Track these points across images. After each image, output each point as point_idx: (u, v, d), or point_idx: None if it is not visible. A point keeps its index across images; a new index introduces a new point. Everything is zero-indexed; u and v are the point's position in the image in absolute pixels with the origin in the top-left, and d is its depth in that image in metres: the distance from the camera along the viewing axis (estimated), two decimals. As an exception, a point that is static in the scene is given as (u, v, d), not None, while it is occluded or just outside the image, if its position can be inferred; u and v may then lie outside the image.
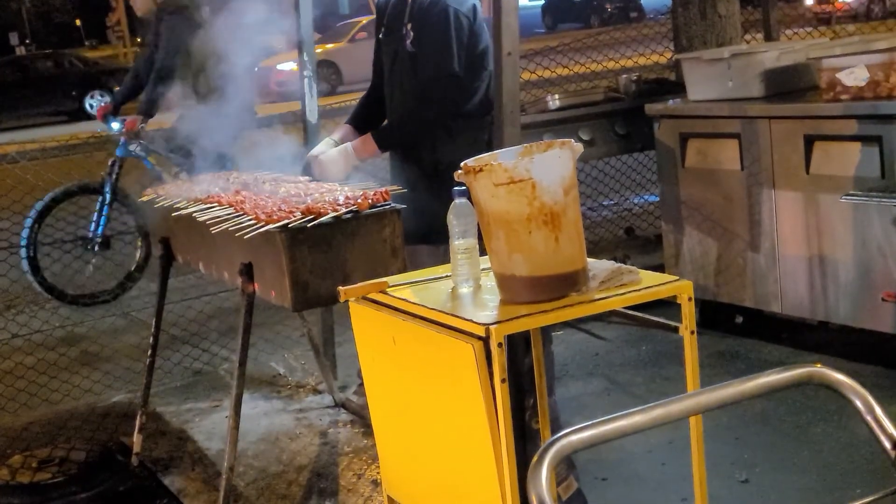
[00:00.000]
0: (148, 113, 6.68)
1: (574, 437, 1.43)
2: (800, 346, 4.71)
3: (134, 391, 5.01)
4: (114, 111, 6.98)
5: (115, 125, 6.86)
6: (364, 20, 24.71)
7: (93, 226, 6.89)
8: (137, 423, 4.23)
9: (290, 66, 22.43)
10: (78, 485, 4.13)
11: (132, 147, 6.81)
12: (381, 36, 4.10)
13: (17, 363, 5.42)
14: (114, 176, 6.85)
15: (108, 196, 6.86)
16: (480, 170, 2.31)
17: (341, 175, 3.90)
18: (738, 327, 4.97)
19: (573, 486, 3.32)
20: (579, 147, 2.37)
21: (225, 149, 6.20)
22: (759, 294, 4.69)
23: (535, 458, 1.37)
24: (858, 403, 1.51)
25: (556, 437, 1.41)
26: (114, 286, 6.89)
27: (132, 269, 7.00)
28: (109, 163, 6.88)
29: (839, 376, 1.54)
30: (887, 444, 1.46)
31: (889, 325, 4.16)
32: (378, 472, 3.74)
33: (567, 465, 3.33)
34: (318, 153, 4.04)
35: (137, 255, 7.01)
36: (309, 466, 4.08)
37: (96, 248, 6.90)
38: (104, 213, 6.89)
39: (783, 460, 3.66)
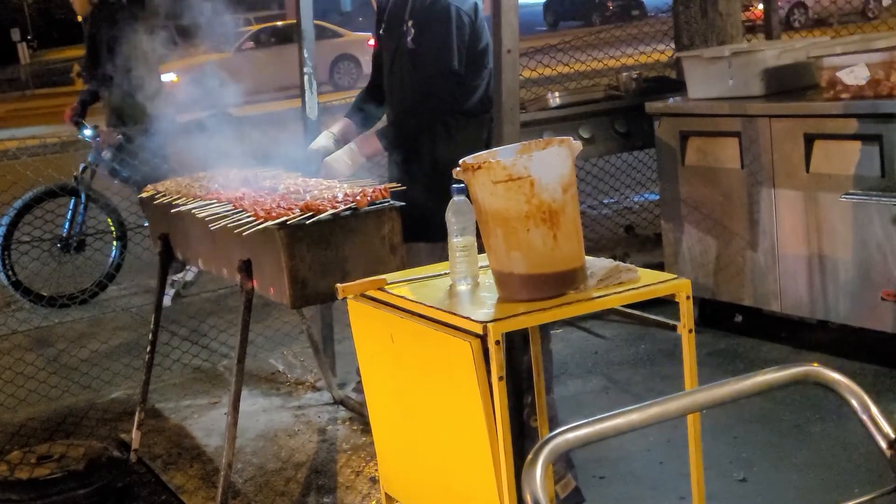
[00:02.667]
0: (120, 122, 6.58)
1: (569, 435, 1.42)
2: (799, 345, 4.70)
3: (133, 388, 5.01)
4: (81, 112, 6.82)
5: (88, 132, 6.70)
6: (255, 27, 23.60)
7: (66, 228, 6.83)
8: (136, 419, 4.23)
9: (169, 77, 21.30)
10: (76, 481, 4.11)
11: (105, 154, 6.71)
12: (381, 32, 4.10)
13: (16, 359, 5.41)
14: (87, 179, 6.75)
15: (81, 198, 6.77)
16: (479, 167, 2.31)
17: (347, 174, 3.90)
18: (738, 326, 4.97)
19: (571, 484, 3.32)
20: (578, 145, 2.37)
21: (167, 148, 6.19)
22: (759, 293, 4.68)
23: (529, 456, 1.37)
24: (854, 402, 1.51)
25: (550, 435, 1.41)
26: (90, 286, 6.76)
27: (108, 269, 6.89)
28: (81, 167, 6.76)
29: (835, 375, 1.54)
30: (883, 444, 1.46)
31: (889, 324, 4.16)
32: (376, 470, 3.73)
33: (565, 463, 3.33)
34: (317, 147, 4.04)
35: (113, 255, 6.93)
36: (307, 463, 4.08)
37: (71, 250, 6.83)
38: (79, 214, 6.81)
39: (781, 459, 3.66)
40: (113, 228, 6.88)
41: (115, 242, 6.90)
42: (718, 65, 4.78)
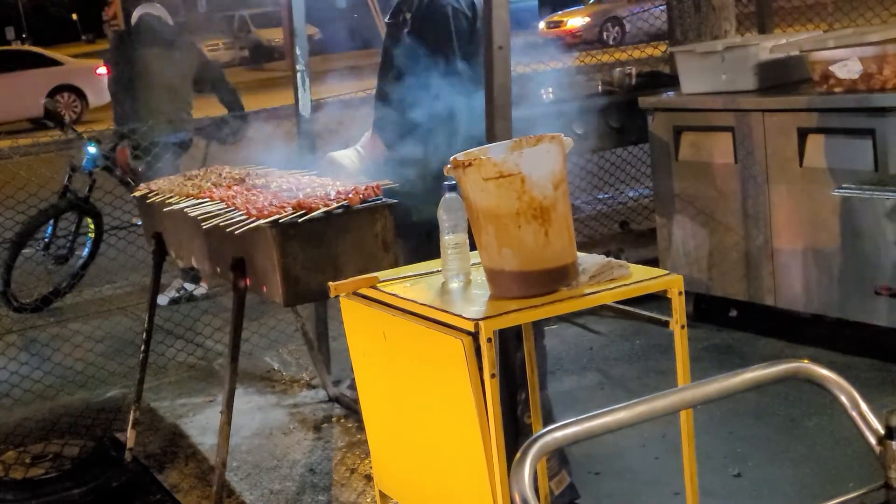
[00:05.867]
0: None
1: (558, 434, 1.42)
2: (794, 340, 4.70)
3: (128, 386, 5.00)
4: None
5: (92, 149, 6.53)
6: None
7: (69, 243, 6.83)
8: (131, 418, 4.22)
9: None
10: (71, 480, 4.12)
11: (130, 164, 6.53)
12: (388, 20, 4.09)
13: (11, 359, 5.41)
14: (78, 190, 6.69)
15: (84, 211, 6.76)
16: (469, 164, 2.30)
17: (353, 172, 3.88)
18: (732, 320, 4.97)
19: (566, 480, 3.32)
20: (569, 141, 2.37)
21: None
22: (753, 287, 4.68)
23: (517, 455, 1.37)
24: (843, 399, 1.51)
25: (538, 433, 1.40)
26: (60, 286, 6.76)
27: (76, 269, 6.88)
28: (90, 182, 6.69)
29: (824, 371, 1.54)
30: (872, 440, 1.46)
31: (882, 318, 4.16)
32: (371, 467, 3.73)
33: (560, 459, 3.33)
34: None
35: (83, 254, 6.89)
36: (302, 461, 4.08)
37: (52, 261, 6.81)
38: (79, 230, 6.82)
39: (776, 454, 3.66)
40: (92, 227, 6.81)
41: (88, 237, 6.81)
42: (711, 59, 4.77)
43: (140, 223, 5.66)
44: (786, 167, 4.42)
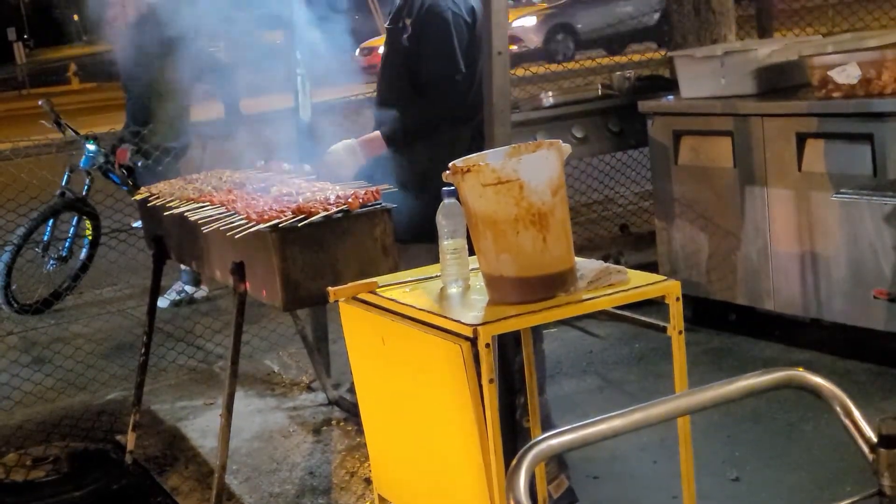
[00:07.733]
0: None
1: (553, 441, 1.43)
2: (792, 344, 4.71)
3: (128, 389, 4.99)
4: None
5: (91, 146, 6.57)
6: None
7: (68, 243, 6.86)
8: (131, 421, 4.24)
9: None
10: (72, 483, 4.13)
11: (136, 162, 6.50)
12: (387, 25, 4.09)
13: (12, 361, 5.42)
14: (75, 190, 6.70)
15: (82, 212, 6.78)
16: (468, 170, 2.31)
17: (348, 171, 3.88)
18: (731, 324, 4.98)
19: (564, 484, 3.33)
20: (567, 148, 2.38)
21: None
22: (752, 291, 4.69)
23: (513, 462, 1.38)
24: (837, 406, 1.52)
25: (534, 441, 1.41)
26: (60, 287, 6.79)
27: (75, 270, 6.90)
28: (87, 181, 6.70)
29: (818, 379, 1.55)
30: (865, 448, 1.47)
31: (880, 322, 4.17)
32: (371, 471, 3.74)
33: (558, 463, 3.34)
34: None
35: (81, 256, 6.90)
36: (302, 464, 4.09)
37: (52, 262, 6.83)
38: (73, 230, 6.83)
39: (774, 458, 3.67)
40: (90, 229, 6.82)
41: (86, 238, 6.83)
42: (711, 64, 4.79)
43: (138, 225, 5.68)
44: (785, 172, 4.43)
